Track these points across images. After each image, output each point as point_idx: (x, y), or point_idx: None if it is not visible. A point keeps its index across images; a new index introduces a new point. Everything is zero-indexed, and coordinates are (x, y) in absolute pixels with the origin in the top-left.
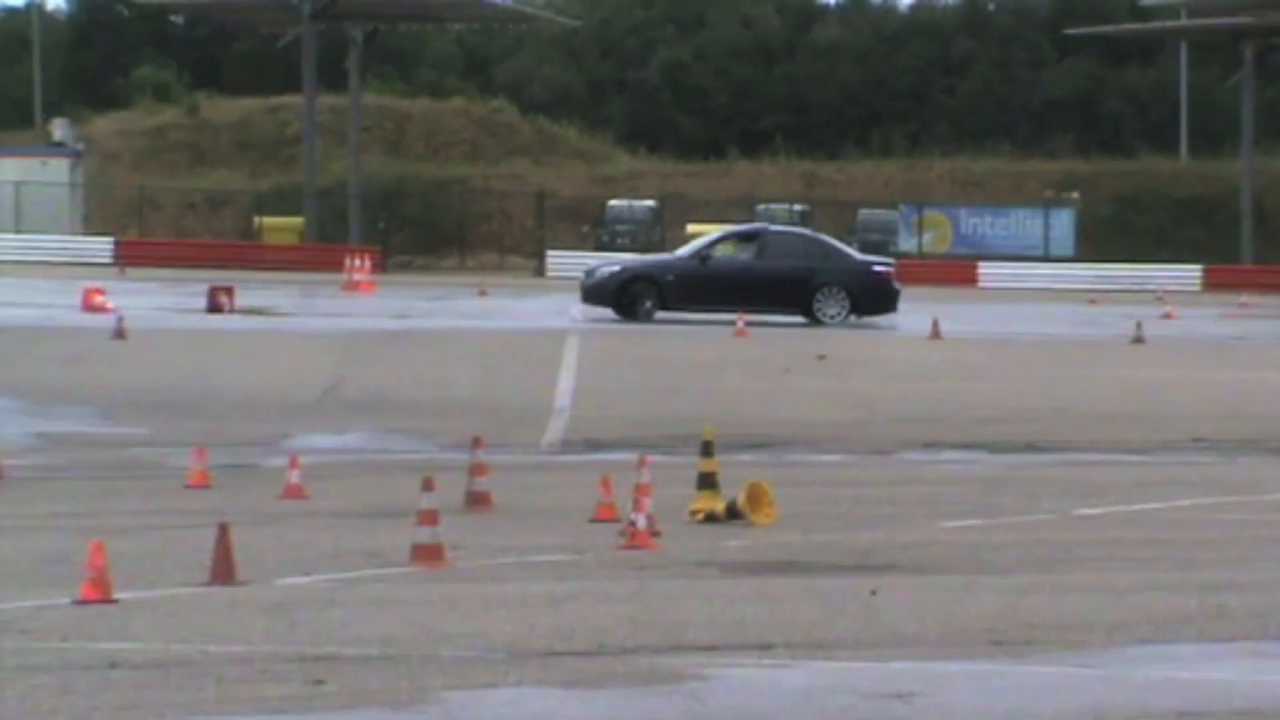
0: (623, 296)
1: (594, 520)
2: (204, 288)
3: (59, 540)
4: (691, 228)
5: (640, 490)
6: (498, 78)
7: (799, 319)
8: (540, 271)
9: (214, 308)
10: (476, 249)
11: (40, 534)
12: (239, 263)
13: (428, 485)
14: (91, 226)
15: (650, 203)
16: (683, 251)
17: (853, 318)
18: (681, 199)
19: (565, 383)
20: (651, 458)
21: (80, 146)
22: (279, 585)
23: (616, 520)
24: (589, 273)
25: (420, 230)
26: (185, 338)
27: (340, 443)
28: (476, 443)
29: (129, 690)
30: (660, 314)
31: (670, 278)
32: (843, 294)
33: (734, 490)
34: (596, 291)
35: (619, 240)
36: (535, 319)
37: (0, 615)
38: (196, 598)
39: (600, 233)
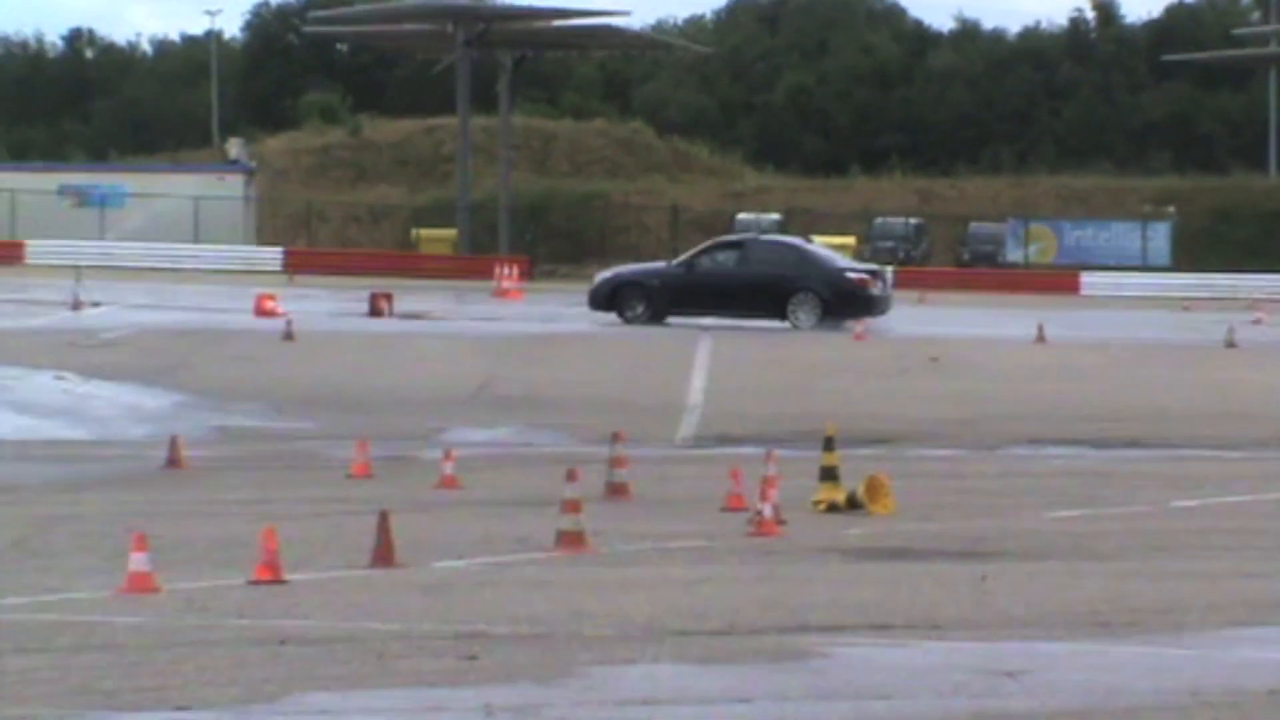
0: (613, 301)
1: (724, 509)
2: (365, 294)
3: (234, 525)
4: (815, 239)
5: (767, 482)
6: (636, 101)
7: (778, 323)
8: None
9: (374, 312)
10: (616, 258)
11: (217, 520)
12: (397, 271)
13: (571, 476)
14: (263, 238)
15: (776, 216)
16: (675, 260)
17: (828, 320)
18: (806, 213)
19: (697, 382)
20: (777, 452)
21: (254, 164)
22: (435, 568)
23: (745, 509)
24: (594, 281)
25: (564, 241)
26: (348, 340)
27: (490, 437)
28: (616, 437)
29: (298, 664)
30: (674, 318)
31: (656, 283)
32: (815, 299)
33: (854, 482)
34: (592, 296)
35: None
36: (669, 323)
37: (182, 594)
38: (359, 579)
39: None
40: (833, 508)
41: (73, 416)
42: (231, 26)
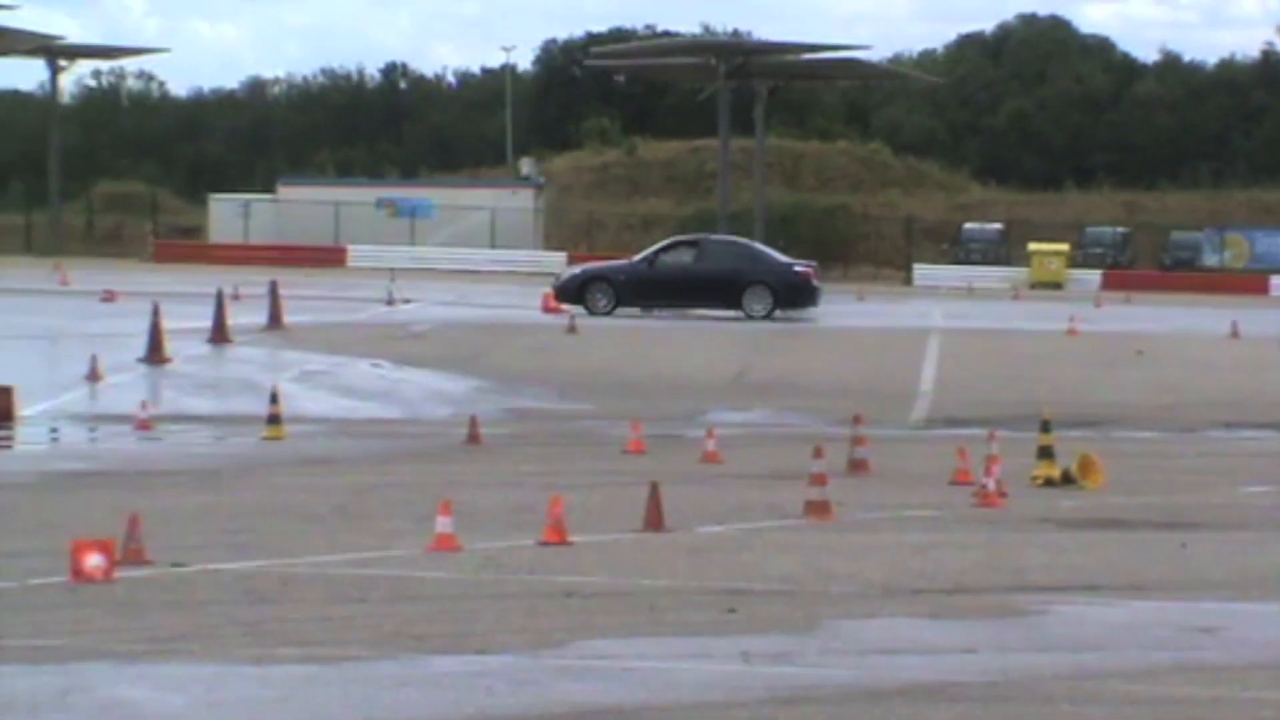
0: (582, 294)
1: (952, 483)
2: None
3: (525, 494)
4: (1032, 246)
5: (991, 459)
6: (875, 124)
7: (733, 313)
8: (908, 281)
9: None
10: (856, 263)
11: (510, 489)
12: None
13: (818, 453)
14: (550, 244)
15: (998, 226)
16: (637, 257)
17: (777, 312)
18: (1024, 223)
19: (928, 371)
20: (999, 433)
21: (542, 180)
22: (699, 532)
23: (971, 484)
24: (557, 277)
25: (810, 248)
26: (624, 333)
27: (746, 418)
28: (857, 419)
29: (581, 614)
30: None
31: (621, 278)
32: (767, 291)
33: (1068, 460)
34: (563, 290)
35: (972, 256)
36: (904, 319)
37: (481, 553)
38: (633, 541)
39: (957, 250)
40: (1049, 483)
41: (387, 399)
42: (524, 61)
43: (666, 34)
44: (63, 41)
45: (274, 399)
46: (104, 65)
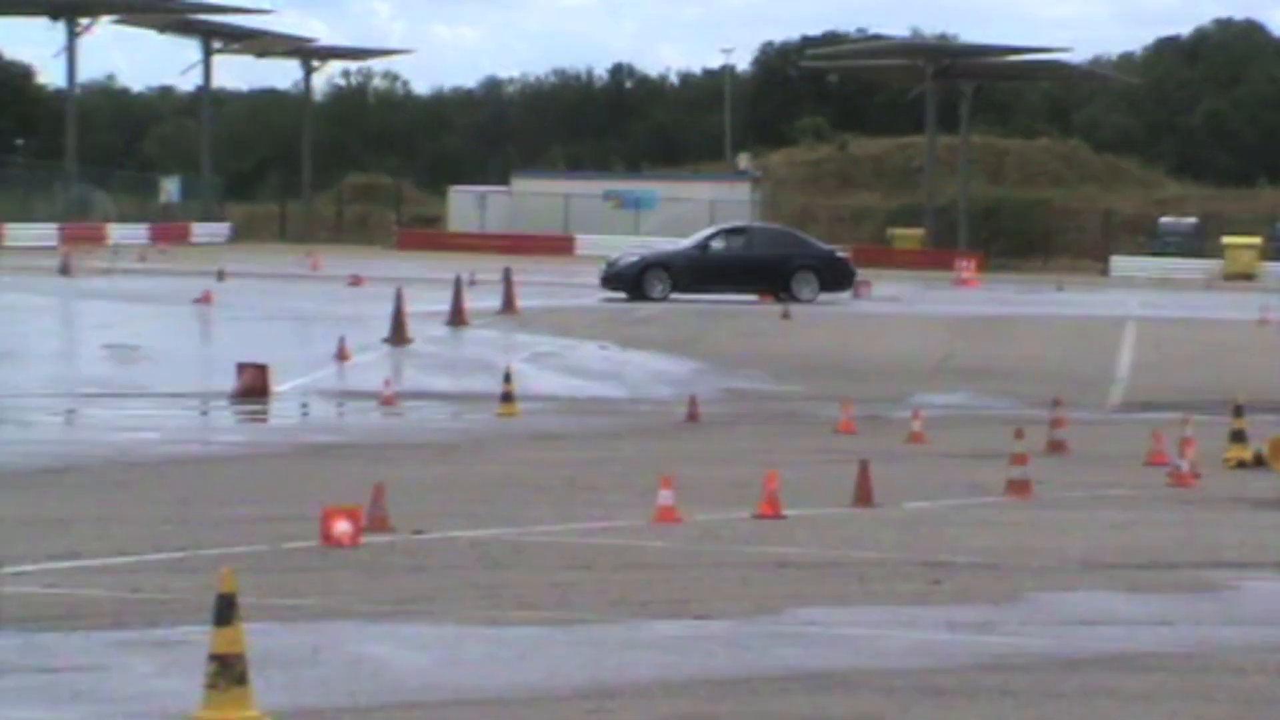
0: (640, 280)
1: (1148, 464)
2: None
3: (741, 469)
4: (1226, 239)
5: (1184, 442)
6: (1075, 122)
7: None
8: (1105, 272)
9: (855, 296)
10: (1055, 254)
11: (727, 465)
12: (874, 263)
13: (1018, 434)
14: None
15: (1193, 220)
16: (685, 244)
17: (822, 295)
18: (1218, 217)
19: (1125, 358)
20: (1193, 417)
21: (758, 174)
22: (905, 508)
23: (1166, 465)
24: (610, 264)
25: (1013, 240)
26: (833, 319)
27: (950, 400)
28: (1056, 402)
29: (793, 584)
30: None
31: (679, 265)
32: (813, 275)
33: (1259, 443)
34: (617, 278)
35: (1169, 249)
36: (1101, 308)
37: (699, 525)
38: (843, 516)
39: (1153, 243)
40: (1241, 464)
41: (612, 379)
42: (743, 62)
43: (877, 37)
44: (316, 44)
45: (507, 378)
46: (353, 66)
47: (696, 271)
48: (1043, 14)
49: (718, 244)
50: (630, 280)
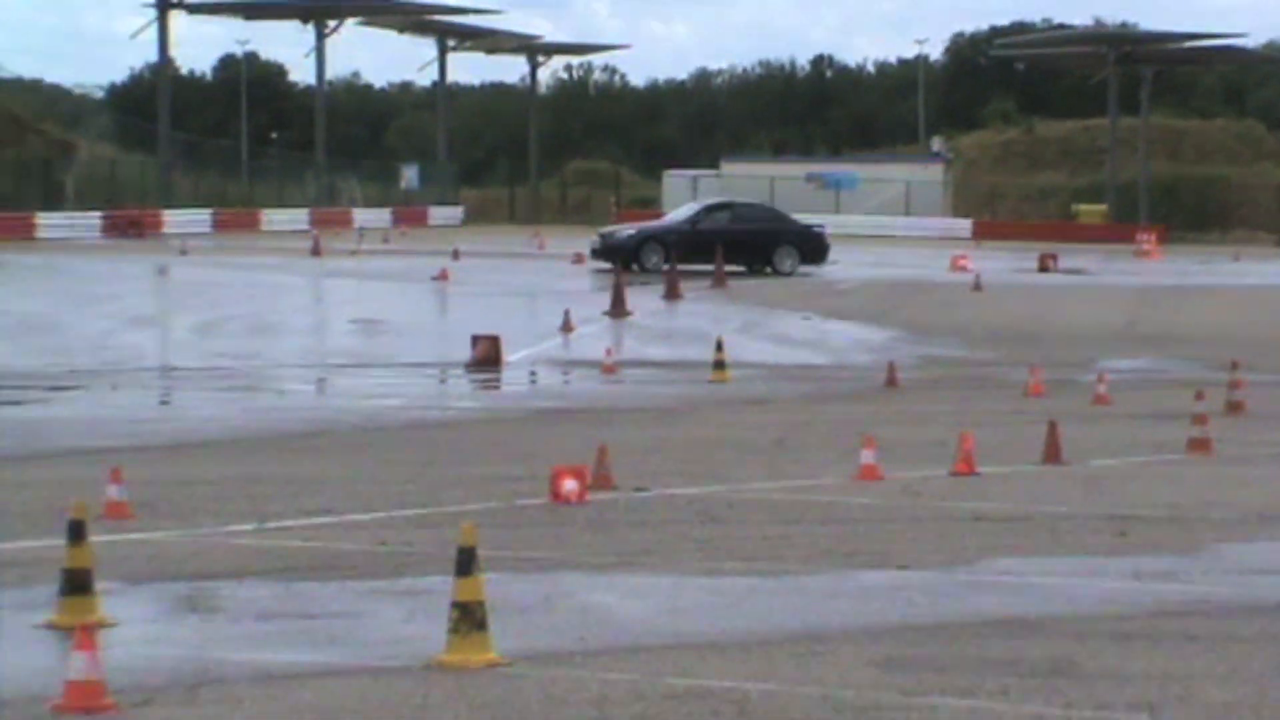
0: (638, 251)
1: None
2: (1035, 255)
3: (937, 430)
4: None
5: None
6: (1251, 103)
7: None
8: (1279, 244)
9: (1042, 269)
10: (1232, 228)
11: (924, 426)
12: (1059, 238)
13: (1199, 395)
14: (957, 212)
15: None
16: (677, 219)
17: (801, 267)
18: None
19: None
20: None
21: (950, 156)
22: (1092, 465)
23: None
24: (605, 236)
25: (1191, 215)
26: (1023, 290)
27: (1134, 365)
28: (1234, 365)
29: (987, 536)
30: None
31: (672, 238)
32: (794, 249)
33: None
34: (616, 250)
35: None
36: (1276, 278)
37: (899, 482)
38: (1034, 472)
39: None
40: None
41: (816, 347)
42: (935, 51)
43: (1062, 26)
44: (541, 41)
45: (719, 347)
46: (575, 60)
47: (689, 244)
48: (1219, 2)
49: (707, 219)
50: (629, 252)
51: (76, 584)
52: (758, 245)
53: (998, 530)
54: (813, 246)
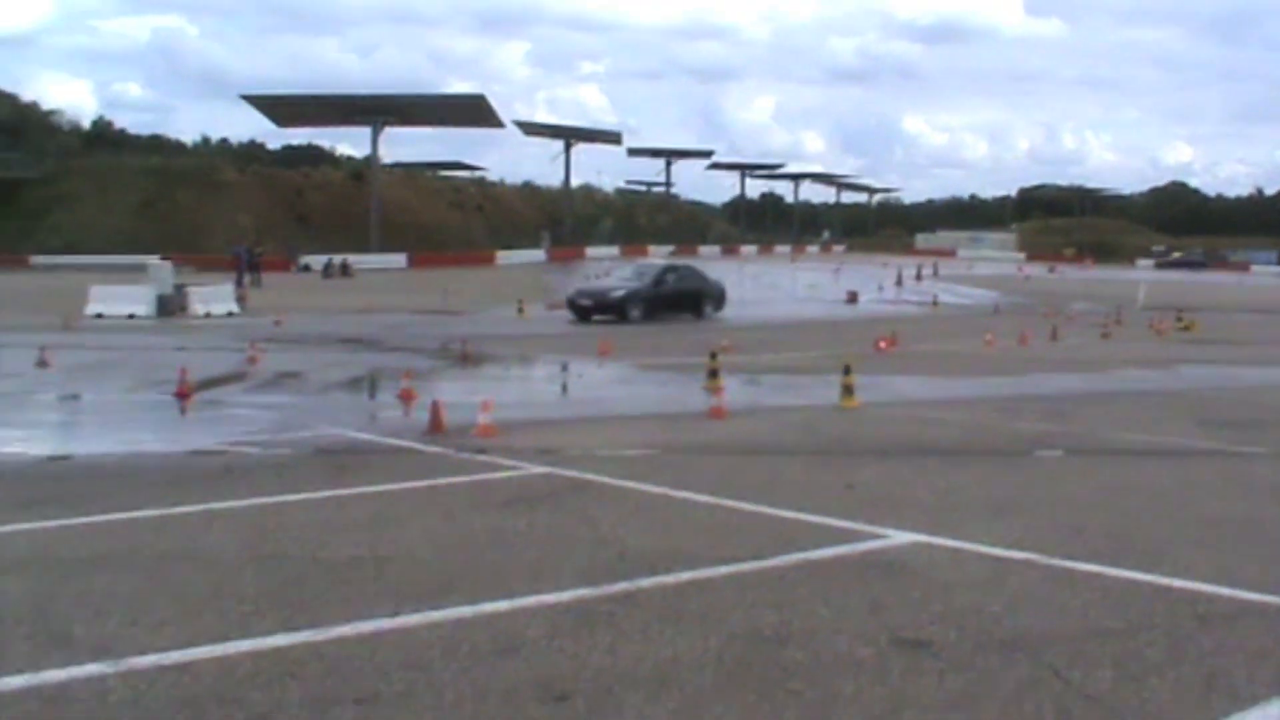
0: (624, 307)
1: None
2: None
3: None
4: None
5: None
6: None
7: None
8: None
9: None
10: None
11: None
12: None
13: None
14: None
15: None
16: (646, 281)
17: (714, 315)
18: None
19: None
20: None
21: None
22: None
23: None
24: (585, 294)
25: None
26: None
27: None
28: None
29: None
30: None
31: (643, 295)
32: (712, 301)
33: None
34: (605, 306)
35: None
36: None
37: None
38: None
39: None
40: None
41: None
42: None
43: None
44: None
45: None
46: None
47: (655, 301)
48: None
49: (665, 280)
50: (617, 307)
51: None
52: (693, 300)
53: None
54: (720, 300)
